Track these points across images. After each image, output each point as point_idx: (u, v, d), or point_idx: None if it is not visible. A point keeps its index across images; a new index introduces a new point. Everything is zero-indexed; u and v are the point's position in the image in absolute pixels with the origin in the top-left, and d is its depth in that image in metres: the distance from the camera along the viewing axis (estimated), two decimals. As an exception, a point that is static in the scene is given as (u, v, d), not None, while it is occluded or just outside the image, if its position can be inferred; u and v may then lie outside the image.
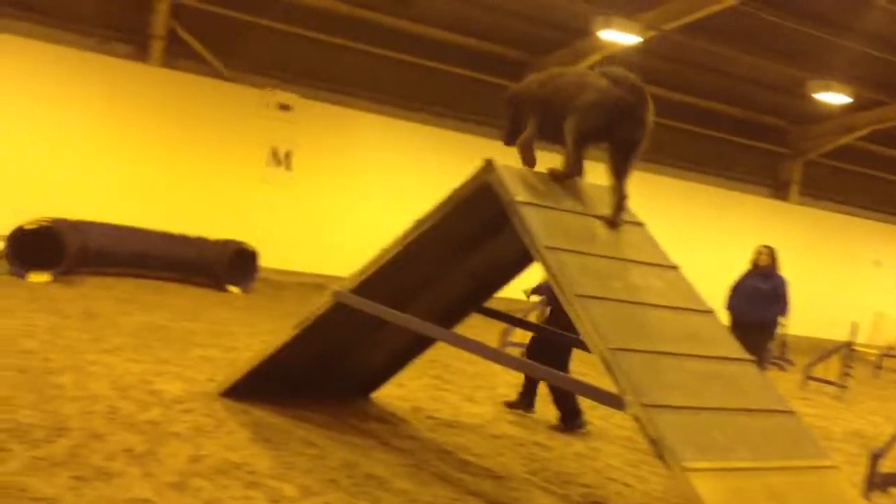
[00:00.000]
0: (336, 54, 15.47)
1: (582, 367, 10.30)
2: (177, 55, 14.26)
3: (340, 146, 15.38)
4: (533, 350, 7.54)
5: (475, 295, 6.86)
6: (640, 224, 5.62)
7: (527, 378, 7.68)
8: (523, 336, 10.64)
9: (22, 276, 10.24)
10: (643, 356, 4.59)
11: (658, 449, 4.21)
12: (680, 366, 4.70)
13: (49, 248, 10.50)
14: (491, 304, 7.06)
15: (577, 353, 10.01)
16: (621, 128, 5.36)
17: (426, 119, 16.21)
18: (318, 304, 6.08)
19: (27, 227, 10.48)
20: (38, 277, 10.29)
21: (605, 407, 7.81)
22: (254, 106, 14.69)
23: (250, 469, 5.01)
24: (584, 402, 8.16)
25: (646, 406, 4.29)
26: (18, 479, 4.29)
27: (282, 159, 15.01)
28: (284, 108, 14.87)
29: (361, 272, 5.92)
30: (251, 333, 9.32)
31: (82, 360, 6.86)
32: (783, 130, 19.89)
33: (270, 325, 10.00)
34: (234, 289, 12.42)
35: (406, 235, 5.69)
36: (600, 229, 5.36)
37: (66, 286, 10.25)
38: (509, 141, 5.88)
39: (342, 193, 15.33)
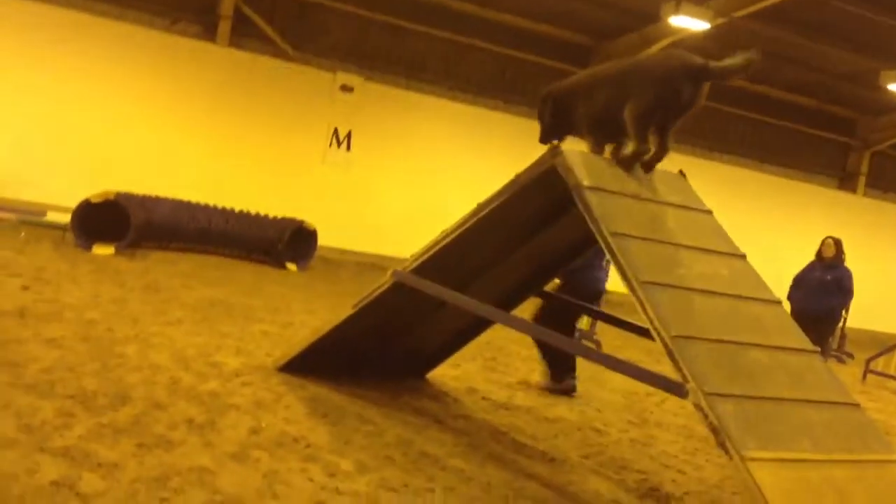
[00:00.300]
0: (401, 38, 15.49)
1: (637, 354, 10.25)
2: (244, 35, 14.41)
3: (401, 129, 15.41)
4: (543, 318, 7.39)
5: (534, 279, 6.83)
6: (707, 212, 5.53)
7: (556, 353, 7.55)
8: (579, 321, 10.60)
9: (87, 249, 10.45)
10: (707, 344, 4.52)
11: (719, 437, 4.15)
12: (744, 355, 4.62)
13: (114, 221, 10.69)
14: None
15: (630, 340, 9.99)
16: (682, 95, 5.26)
17: (492, 104, 16.17)
18: (378, 283, 6.10)
19: (93, 200, 10.68)
20: (103, 250, 10.50)
21: (660, 394, 7.85)
22: (317, 87, 14.79)
23: (307, 443, 5.05)
24: (641, 390, 8.14)
25: (708, 394, 4.23)
26: (83, 444, 4.38)
27: (342, 140, 15.10)
28: (347, 89, 14.94)
29: (421, 253, 5.92)
30: (308, 311, 9.40)
31: (145, 331, 6.98)
32: (852, 121, 19.44)
33: (327, 302, 10.08)
34: (292, 266, 12.54)
35: (468, 218, 5.66)
36: (667, 216, 5.28)
37: (129, 259, 10.44)
38: (545, 140, 5.79)
39: (401, 176, 15.38)
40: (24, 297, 7.32)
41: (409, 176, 15.41)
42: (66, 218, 10.94)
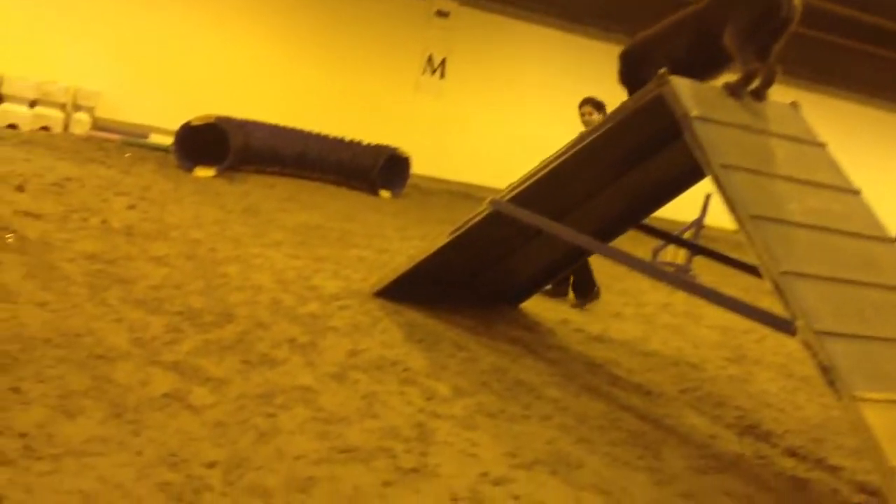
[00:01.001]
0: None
1: (734, 291, 10.05)
2: (340, -41, 14.31)
3: (497, 56, 15.19)
4: None
5: (634, 211, 6.71)
6: (821, 144, 5.31)
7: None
8: (675, 255, 10.45)
9: (189, 170, 10.68)
10: (817, 282, 4.37)
11: (828, 376, 4.03)
12: (856, 294, 4.46)
13: (215, 144, 10.88)
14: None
15: (727, 277, 9.79)
16: (781, 8, 5.06)
17: (591, 32, 15.77)
18: (475, 212, 6.07)
19: (194, 122, 10.87)
20: (204, 172, 10.71)
21: (758, 332, 7.70)
22: (411, 12, 14.65)
23: (405, 367, 5.12)
24: (738, 326, 8.00)
25: (818, 332, 4.11)
26: (192, 359, 4.52)
27: (436, 67, 14.97)
28: (442, 14, 14.75)
29: (520, 182, 5.86)
30: (402, 237, 9.46)
31: (246, 252, 7.13)
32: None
33: (421, 229, 10.13)
34: (385, 193, 12.61)
35: (569, 147, 5.57)
36: (779, 148, 5.08)
37: (229, 182, 10.63)
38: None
39: (496, 104, 15.20)
40: (131, 216, 7.53)
41: (504, 105, 15.22)
42: (168, 140, 11.18)
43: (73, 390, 3.85)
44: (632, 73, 5.65)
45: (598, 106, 7.55)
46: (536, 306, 7.38)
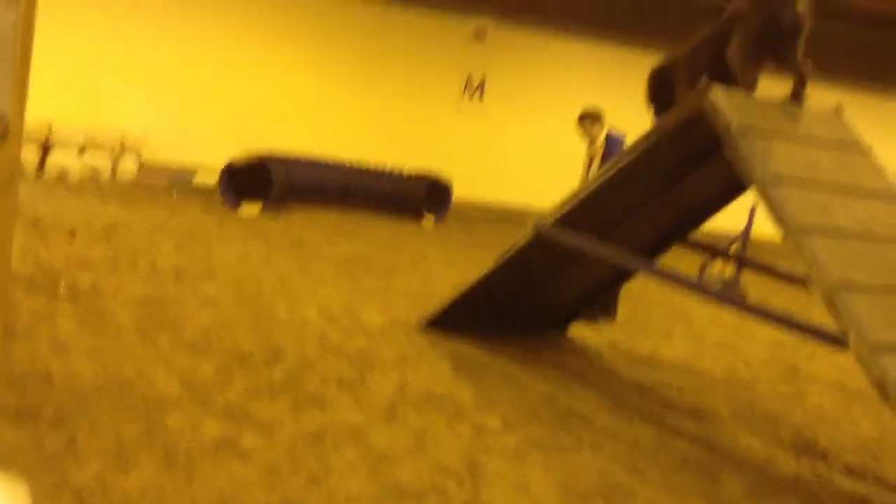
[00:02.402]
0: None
1: (784, 303, 9.87)
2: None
3: (536, 74, 15.18)
4: None
5: (679, 227, 6.63)
6: (866, 151, 5.21)
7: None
8: (723, 269, 10.29)
9: (234, 208, 10.82)
10: (869, 293, 4.28)
11: (884, 392, 3.94)
12: (910, 306, 4.36)
13: (259, 181, 11.03)
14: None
15: (776, 289, 9.63)
16: (783, 17, 5.02)
17: (630, 47, 15.71)
18: (519, 236, 6.06)
19: (236, 164, 11.03)
20: (249, 209, 10.85)
21: (809, 346, 7.55)
22: (449, 33, 14.72)
23: (453, 400, 5.11)
24: (788, 341, 7.86)
25: (872, 346, 4.02)
26: (242, 401, 4.56)
27: (476, 88, 15.02)
28: (479, 35, 14.81)
29: (562, 205, 5.84)
30: (446, 264, 9.47)
31: (292, 288, 7.19)
32: None
33: (464, 255, 10.13)
34: (428, 220, 12.65)
35: (610, 167, 5.54)
36: (823, 157, 5.00)
37: (274, 218, 10.75)
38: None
39: (536, 123, 15.18)
40: (179, 257, 7.65)
41: (544, 123, 15.19)
42: (213, 178, 11.35)
43: (127, 439, 3.91)
44: (659, 94, 5.67)
45: (598, 117, 7.59)
46: (583, 329, 7.33)
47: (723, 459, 4.83)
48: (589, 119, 7.65)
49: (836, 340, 4.22)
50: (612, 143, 7.50)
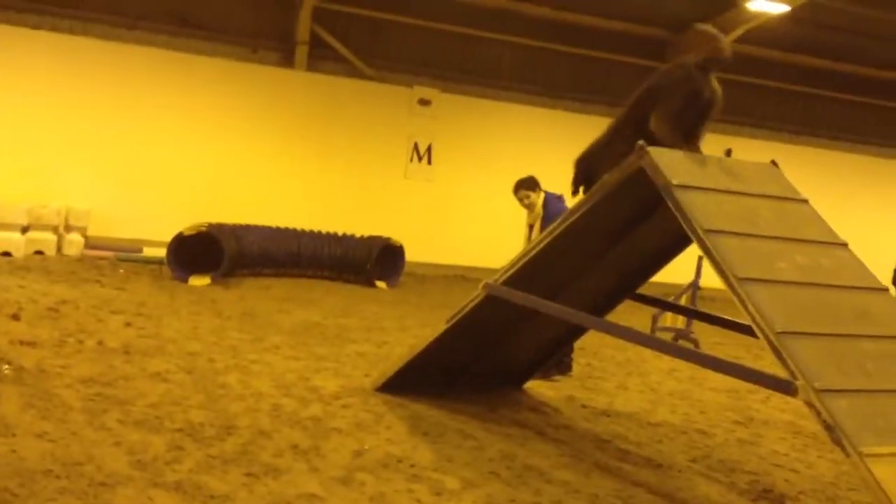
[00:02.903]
0: (474, 46, 15.51)
1: (736, 350, 10.01)
2: (320, 59, 14.63)
3: (481, 137, 15.42)
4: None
5: (627, 282, 6.72)
6: (803, 201, 5.35)
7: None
8: (674, 320, 10.42)
9: (184, 281, 10.72)
10: (814, 339, 4.37)
11: (834, 435, 4.00)
12: (854, 347, 4.45)
13: (208, 252, 10.96)
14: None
15: (727, 336, 9.75)
16: (703, 93, 5.36)
17: (571, 106, 16.04)
18: (470, 297, 6.08)
19: (186, 233, 10.97)
20: (199, 281, 10.76)
21: (763, 391, 7.63)
22: (395, 102, 14.91)
23: (411, 462, 5.06)
24: (743, 387, 7.94)
25: (819, 391, 4.09)
26: (195, 476, 4.47)
27: (423, 154, 15.18)
28: (424, 103, 15.02)
29: (512, 264, 5.89)
30: (401, 328, 9.45)
31: (244, 359, 7.11)
32: (945, 92, 18.67)
33: (419, 318, 10.12)
34: (381, 284, 12.64)
35: (557, 226, 5.62)
36: (762, 209, 5.13)
37: (225, 288, 10.67)
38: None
39: (483, 185, 15.35)
40: (128, 333, 7.54)
41: (491, 184, 15.33)
42: (161, 252, 11.25)
43: (76, 522, 3.80)
44: (585, 180, 5.90)
45: (532, 185, 7.69)
46: (540, 385, 7.34)
47: (682, 510, 4.84)
48: (523, 188, 7.72)
49: (785, 387, 4.28)
50: (551, 204, 7.60)
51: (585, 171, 5.93)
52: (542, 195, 7.70)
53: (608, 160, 5.51)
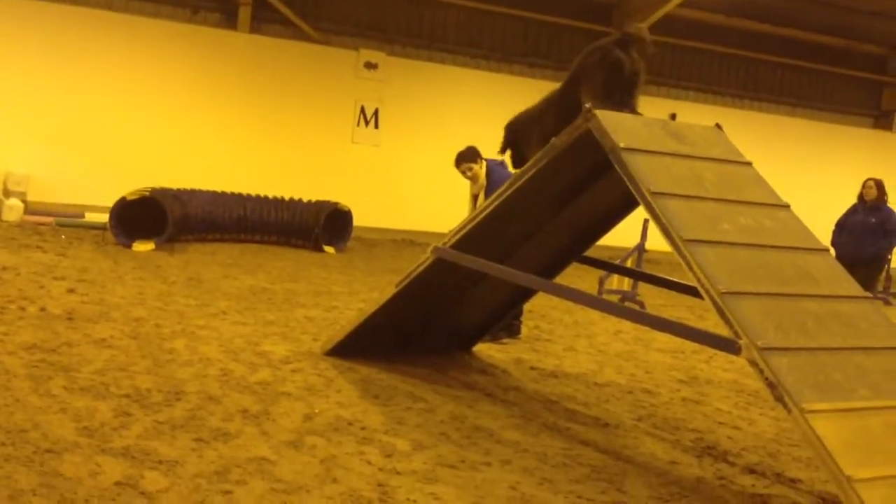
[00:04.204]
0: (422, 9, 15.39)
1: (681, 311, 10.19)
2: (264, 21, 14.39)
3: (428, 102, 15.34)
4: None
5: (575, 245, 6.77)
6: (747, 163, 5.44)
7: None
8: (620, 282, 10.55)
9: (128, 246, 10.55)
10: (756, 299, 4.46)
11: (776, 392, 4.10)
12: (796, 307, 4.55)
13: (152, 217, 10.78)
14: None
15: (672, 298, 9.92)
16: (624, 64, 5.54)
17: (517, 69, 16.02)
18: (419, 261, 6.09)
19: (129, 197, 10.77)
20: (143, 246, 10.59)
21: (707, 351, 7.79)
22: (340, 66, 14.74)
23: (362, 425, 5.08)
24: (688, 348, 8.09)
25: (761, 349, 4.18)
26: (142, 442, 4.43)
27: (369, 118, 15.06)
28: (371, 66, 14.88)
29: (460, 228, 5.90)
30: (350, 292, 9.43)
31: (192, 324, 7.05)
32: (884, 58, 19.04)
33: (367, 282, 10.11)
34: (329, 249, 12.58)
35: (505, 189, 5.63)
36: (707, 172, 5.19)
37: (169, 254, 10.53)
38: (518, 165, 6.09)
39: (430, 149, 15.29)
40: (71, 299, 7.41)
41: (439, 149, 15.23)
42: (104, 217, 11.05)
43: (21, 489, 3.74)
44: (513, 148, 6.09)
45: (473, 156, 7.68)
46: (490, 348, 7.40)
47: (628, 467, 4.93)
48: (464, 161, 7.69)
49: (728, 346, 4.36)
50: (495, 172, 7.59)
51: (513, 139, 6.14)
52: (485, 164, 7.68)
53: (538, 136, 5.67)
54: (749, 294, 4.48)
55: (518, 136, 6.13)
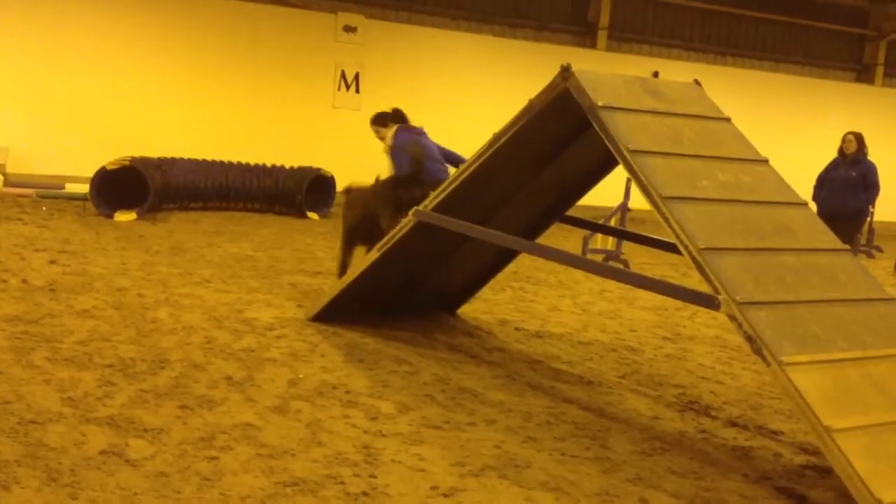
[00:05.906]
0: (399, -30, 15.23)
1: (664, 269, 10.23)
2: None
3: (408, 65, 15.21)
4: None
5: (557, 205, 6.78)
6: (726, 119, 5.44)
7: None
8: (604, 242, 10.59)
9: (109, 216, 10.50)
10: (736, 254, 4.48)
11: (755, 346, 4.14)
12: (774, 261, 4.58)
13: (133, 187, 10.71)
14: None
15: (656, 256, 9.94)
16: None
17: (497, 30, 15.90)
18: (400, 224, 6.08)
19: (110, 167, 10.68)
20: (125, 216, 10.54)
21: (690, 308, 7.84)
22: (320, 30, 14.60)
23: (347, 389, 5.10)
24: (671, 305, 8.13)
25: (740, 304, 4.21)
26: (127, 411, 4.44)
27: (350, 82, 14.94)
28: (350, 29, 14.74)
29: (441, 191, 5.88)
30: (334, 258, 9.31)
31: (175, 293, 7.03)
32: (864, 12, 18.98)
33: (352, 248, 10.08)
34: (313, 215, 12.55)
35: (484, 150, 5.61)
36: (686, 128, 5.19)
37: (152, 223, 10.48)
38: None
39: (412, 112, 15.11)
40: (53, 271, 7.39)
41: (420, 112, 15.15)
42: (85, 188, 10.97)
43: (6, 460, 3.75)
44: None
45: (381, 121, 8.01)
46: (475, 310, 7.42)
47: (612, 423, 4.98)
48: (373, 124, 8.07)
49: (708, 301, 4.39)
50: (398, 136, 7.83)
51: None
52: (394, 129, 7.76)
53: None
54: (728, 249, 4.50)
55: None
